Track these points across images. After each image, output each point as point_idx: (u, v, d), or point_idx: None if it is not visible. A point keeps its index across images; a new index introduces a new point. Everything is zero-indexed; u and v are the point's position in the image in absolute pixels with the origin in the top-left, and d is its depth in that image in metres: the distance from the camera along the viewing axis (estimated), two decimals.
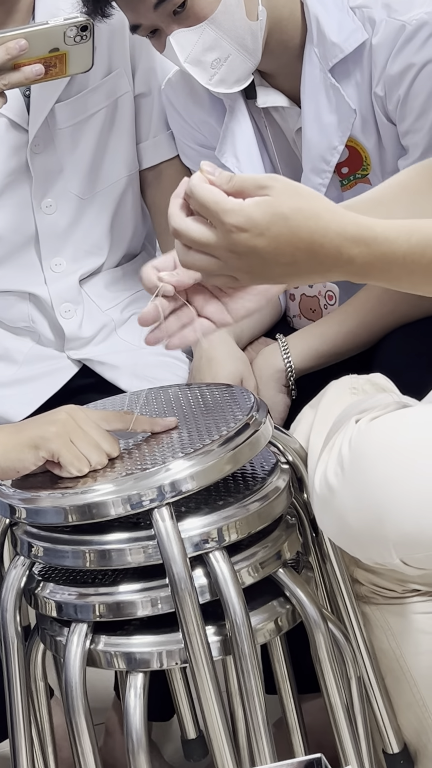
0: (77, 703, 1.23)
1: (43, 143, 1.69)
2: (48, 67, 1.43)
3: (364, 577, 1.37)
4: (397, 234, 1.11)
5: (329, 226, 1.09)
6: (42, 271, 1.73)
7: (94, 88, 1.71)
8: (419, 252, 1.11)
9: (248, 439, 1.26)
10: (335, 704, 1.30)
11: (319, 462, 1.26)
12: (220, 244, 1.10)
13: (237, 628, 1.21)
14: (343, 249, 1.10)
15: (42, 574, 1.30)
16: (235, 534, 1.24)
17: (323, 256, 1.10)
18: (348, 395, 1.40)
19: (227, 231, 1.09)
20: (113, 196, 1.75)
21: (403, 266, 1.11)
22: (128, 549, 1.22)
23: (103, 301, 1.76)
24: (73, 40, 1.42)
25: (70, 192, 1.72)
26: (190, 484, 1.22)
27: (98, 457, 1.25)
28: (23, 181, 1.70)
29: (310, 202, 1.10)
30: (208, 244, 1.11)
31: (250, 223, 1.09)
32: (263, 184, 1.10)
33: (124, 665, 1.24)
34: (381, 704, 1.38)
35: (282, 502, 1.30)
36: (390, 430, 1.22)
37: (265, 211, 1.09)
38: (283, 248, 1.10)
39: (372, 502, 1.19)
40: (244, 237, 1.09)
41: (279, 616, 1.28)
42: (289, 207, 1.09)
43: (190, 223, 1.12)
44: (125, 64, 1.73)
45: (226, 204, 1.09)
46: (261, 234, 1.09)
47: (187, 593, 1.19)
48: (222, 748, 1.23)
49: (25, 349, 1.75)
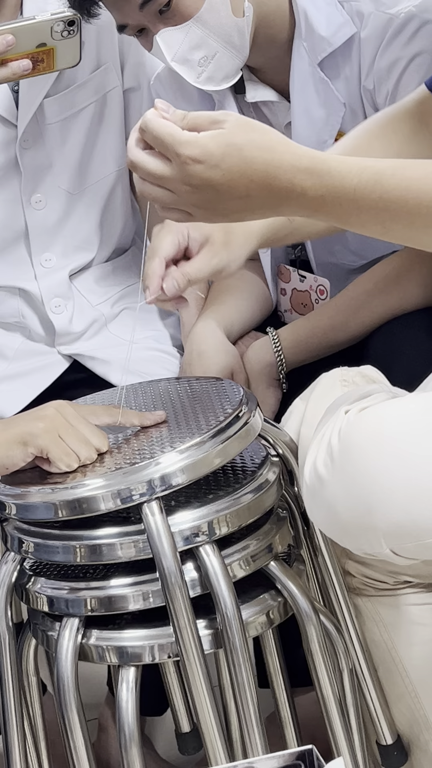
0: (69, 698, 1.23)
1: (32, 138, 1.69)
2: (35, 63, 1.43)
3: (356, 569, 1.37)
4: (349, 168, 1.12)
5: (283, 157, 1.11)
6: (32, 266, 1.73)
7: (83, 83, 1.71)
8: (369, 188, 1.12)
9: (238, 432, 1.26)
10: (327, 696, 1.30)
11: (309, 452, 1.26)
12: (176, 176, 1.12)
13: (228, 621, 1.21)
14: (296, 181, 1.11)
15: (33, 570, 1.31)
16: (225, 527, 1.24)
17: (276, 188, 1.11)
18: (338, 387, 1.40)
19: (182, 163, 1.11)
20: (103, 191, 1.75)
21: (353, 201, 1.12)
22: (119, 543, 1.22)
23: (93, 296, 1.76)
24: (60, 35, 1.42)
25: (60, 187, 1.72)
26: (179, 477, 1.22)
27: (87, 452, 1.25)
28: (12, 177, 1.69)
29: (263, 135, 1.12)
30: (163, 176, 1.12)
31: (205, 155, 1.10)
32: (217, 119, 1.12)
33: (115, 659, 1.24)
34: (374, 696, 1.38)
35: (272, 495, 1.30)
36: (379, 421, 1.22)
37: (219, 143, 1.10)
38: (237, 180, 1.11)
39: (361, 492, 1.19)
40: (200, 168, 1.10)
41: (270, 609, 1.28)
42: (243, 138, 1.11)
43: (145, 156, 1.13)
44: (114, 58, 1.73)
45: (181, 136, 1.11)
46: (216, 165, 1.10)
47: (177, 587, 1.20)
48: (214, 741, 1.23)
49: (16, 344, 1.75)
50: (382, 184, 1.12)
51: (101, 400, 1.42)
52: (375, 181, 1.12)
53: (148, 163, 1.13)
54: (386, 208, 1.12)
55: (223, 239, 1.32)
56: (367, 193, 1.12)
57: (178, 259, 1.31)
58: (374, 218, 1.14)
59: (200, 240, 1.31)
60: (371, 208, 1.13)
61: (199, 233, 1.31)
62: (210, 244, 1.31)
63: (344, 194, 1.12)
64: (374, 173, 1.12)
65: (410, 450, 1.18)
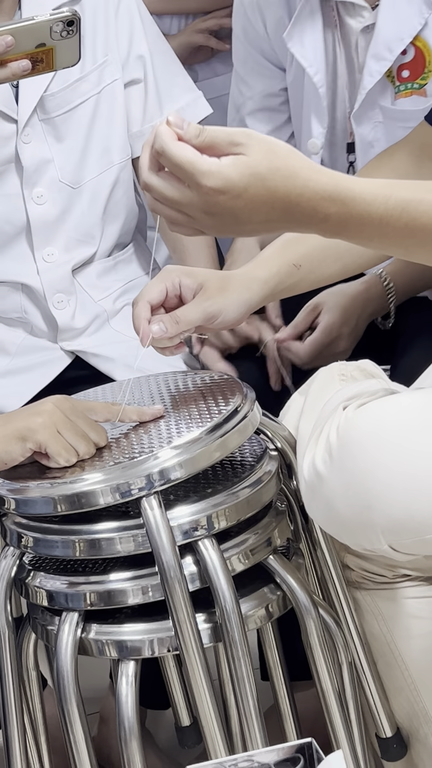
0: (69, 692, 1.24)
1: (33, 133, 1.69)
2: (35, 63, 1.43)
3: (355, 562, 1.37)
4: (375, 195, 1.10)
5: (307, 185, 1.09)
6: (34, 261, 1.73)
7: (83, 77, 1.71)
8: (395, 215, 1.10)
9: (236, 426, 1.26)
10: (327, 690, 1.31)
11: (308, 450, 1.26)
12: (195, 204, 1.09)
13: (227, 615, 1.21)
14: (319, 208, 1.09)
15: (32, 564, 1.31)
16: (224, 521, 1.24)
17: (299, 214, 1.09)
18: (337, 382, 1.40)
19: (204, 193, 1.08)
20: (104, 184, 1.75)
21: (378, 228, 1.10)
22: (118, 538, 1.23)
23: (95, 292, 1.77)
24: (59, 35, 1.42)
25: (61, 181, 1.72)
26: (178, 472, 1.22)
27: (86, 447, 1.26)
28: (13, 172, 1.70)
29: (286, 161, 1.09)
30: (181, 202, 1.10)
31: (228, 186, 1.07)
32: (236, 140, 1.08)
33: (115, 653, 1.25)
34: (373, 689, 1.39)
35: (271, 489, 1.30)
36: (377, 417, 1.22)
37: (242, 173, 1.07)
38: (259, 208, 1.09)
39: (360, 489, 1.19)
40: (222, 199, 1.08)
41: (270, 603, 1.28)
42: (266, 167, 1.08)
43: (161, 181, 1.10)
44: (113, 52, 1.73)
45: (202, 165, 1.07)
46: (238, 196, 1.08)
47: (176, 581, 1.20)
48: (214, 734, 1.23)
49: (18, 340, 1.75)
50: (409, 212, 1.10)
51: (102, 395, 1.42)
52: (402, 209, 1.10)
53: (164, 188, 1.10)
54: (412, 235, 1.11)
55: (218, 285, 1.31)
56: (393, 221, 1.10)
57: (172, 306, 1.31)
58: (399, 243, 1.13)
59: (193, 287, 1.31)
60: (397, 235, 1.11)
61: (192, 280, 1.31)
62: (204, 290, 1.31)
63: (369, 222, 1.10)
64: (401, 200, 1.10)
65: (408, 446, 1.18)
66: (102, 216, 1.76)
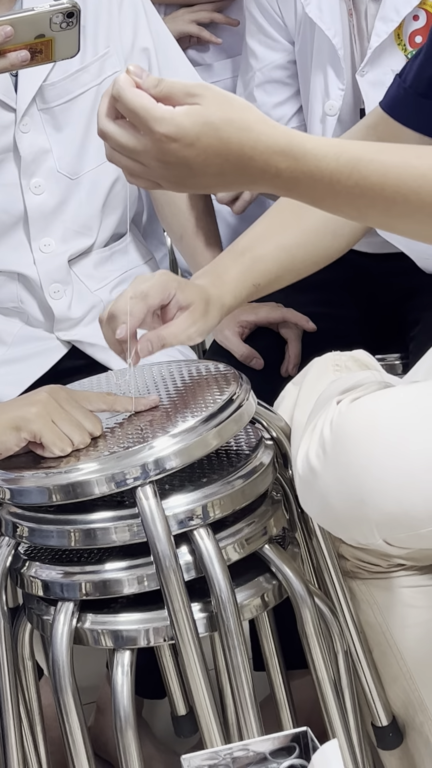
0: (65, 682, 1.24)
1: (31, 123, 1.68)
2: (34, 53, 1.42)
3: (350, 552, 1.37)
4: (326, 152, 1.09)
5: (260, 138, 1.08)
6: (31, 251, 1.72)
7: (83, 68, 1.71)
8: (346, 173, 1.09)
9: (232, 416, 1.26)
10: (322, 679, 1.31)
11: (301, 443, 1.26)
12: (148, 151, 1.09)
13: (222, 604, 1.21)
14: (271, 162, 1.08)
15: (28, 554, 1.31)
16: (219, 511, 1.24)
17: (251, 167, 1.09)
18: (331, 372, 1.40)
19: (156, 140, 1.08)
20: (103, 176, 1.75)
21: (329, 185, 1.09)
22: (113, 527, 1.23)
23: (91, 282, 1.76)
24: (59, 27, 1.41)
25: (59, 172, 1.71)
26: (173, 461, 1.22)
27: (81, 437, 1.25)
28: (11, 161, 1.69)
29: (240, 113, 1.09)
30: (135, 150, 1.10)
31: (180, 133, 1.07)
32: (193, 92, 1.08)
33: (111, 643, 1.25)
34: (369, 678, 1.39)
35: (267, 479, 1.30)
36: (370, 412, 1.21)
37: (195, 121, 1.07)
38: (212, 159, 1.08)
39: (354, 484, 1.19)
40: (174, 147, 1.07)
41: (265, 592, 1.28)
42: (219, 117, 1.08)
43: (116, 128, 1.10)
44: (116, 43, 1.73)
45: (156, 111, 1.07)
46: (191, 144, 1.07)
47: (171, 571, 1.20)
48: (210, 724, 1.23)
49: (14, 330, 1.75)
50: (360, 170, 1.09)
51: (97, 384, 1.42)
52: (352, 166, 1.09)
53: (119, 135, 1.10)
54: (363, 194, 1.10)
55: (202, 309, 1.31)
56: (343, 179, 1.09)
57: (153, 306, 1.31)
58: (350, 203, 1.11)
59: (183, 304, 1.31)
60: (347, 194, 1.10)
61: (184, 297, 1.31)
62: (191, 311, 1.31)
63: (320, 178, 1.09)
64: (352, 158, 1.09)
65: (402, 441, 1.18)
66: (101, 208, 1.75)
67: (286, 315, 1.76)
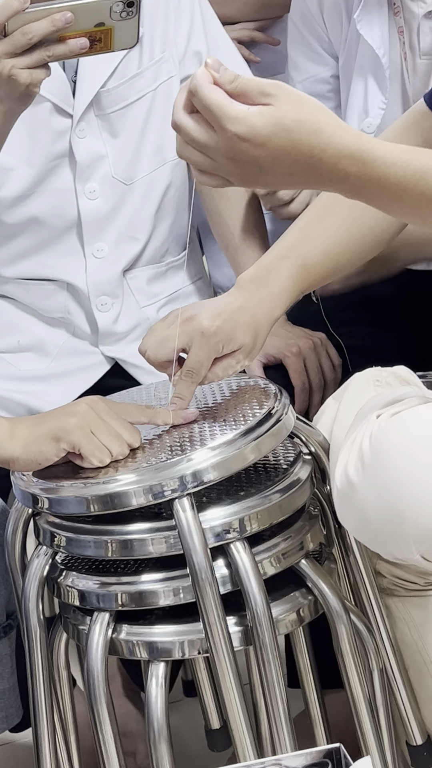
0: (99, 692, 1.24)
1: (88, 128, 1.69)
2: (93, 42, 1.42)
3: (387, 569, 1.36)
4: (395, 159, 1.10)
5: (330, 141, 1.09)
6: (84, 257, 1.73)
7: (140, 73, 1.71)
8: (413, 182, 1.10)
9: (270, 430, 1.26)
10: (357, 696, 1.30)
11: (340, 457, 1.26)
12: (220, 148, 1.10)
13: (258, 618, 1.21)
14: (340, 165, 1.10)
15: (65, 564, 1.31)
16: (256, 524, 1.24)
17: (320, 170, 1.10)
18: (371, 387, 1.39)
19: (228, 138, 1.09)
20: (158, 182, 1.75)
21: (396, 192, 1.11)
22: (150, 539, 1.23)
23: (142, 297, 1.76)
24: (119, 16, 1.41)
25: (114, 177, 1.72)
26: (211, 474, 1.22)
27: (119, 448, 1.26)
28: (66, 166, 1.70)
29: (312, 115, 1.10)
30: (207, 145, 1.11)
31: (252, 133, 1.08)
32: (267, 91, 1.09)
33: (146, 654, 1.25)
34: (404, 696, 1.38)
35: (304, 494, 1.30)
36: (410, 426, 1.21)
37: (267, 122, 1.08)
38: (282, 159, 1.10)
39: (392, 498, 1.19)
40: (245, 146, 1.09)
41: (301, 607, 1.28)
42: (291, 119, 1.09)
43: (191, 121, 1.12)
44: (171, 48, 1.73)
45: (230, 110, 1.09)
46: (262, 145, 1.09)
47: (207, 584, 1.20)
48: (243, 738, 1.23)
49: (60, 341, 1.75)
50: (427, 180, 1.10)
51: (138, 396, 1.42)
52: (420, 176, 1.10)
53: (192, 129, 1.11)
54: (428, 203, 1.11)
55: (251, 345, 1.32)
56: (410, 187, 1.10)
57: None
58: (414, 211, 1.13)
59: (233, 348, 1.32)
60: (413, 201, 1.12)
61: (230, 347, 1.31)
62: (240, 353, 1.32)
63: (387, 185, 1.10)
64: (420, 167, 1.10)
65: None
66: (155, 213, 1.75)
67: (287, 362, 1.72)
